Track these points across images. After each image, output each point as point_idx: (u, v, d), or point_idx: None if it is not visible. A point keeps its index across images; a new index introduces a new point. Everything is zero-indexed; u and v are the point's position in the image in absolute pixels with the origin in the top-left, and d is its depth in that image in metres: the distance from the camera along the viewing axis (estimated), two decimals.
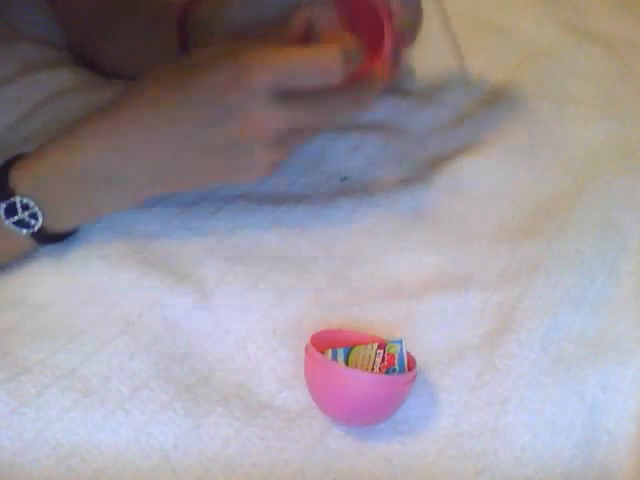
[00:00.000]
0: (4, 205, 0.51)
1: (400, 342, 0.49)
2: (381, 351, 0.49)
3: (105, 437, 0.46)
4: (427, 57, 0.76)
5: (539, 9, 0.84)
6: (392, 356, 0.48)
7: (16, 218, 0.52)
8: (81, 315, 0.52)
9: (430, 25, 0.82)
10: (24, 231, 0.52)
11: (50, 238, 0.54)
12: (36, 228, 0.52)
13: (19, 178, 0.52)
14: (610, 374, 0.51)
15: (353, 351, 0.49)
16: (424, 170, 0.66)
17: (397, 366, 0.48)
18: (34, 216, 0.52)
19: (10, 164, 0.53)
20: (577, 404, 0.50)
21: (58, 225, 0.54)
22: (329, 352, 0.49)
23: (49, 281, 0.54)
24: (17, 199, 0.51)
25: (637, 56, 0.79)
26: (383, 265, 0.58)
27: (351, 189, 0.64)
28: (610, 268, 0.58)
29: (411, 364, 0.48)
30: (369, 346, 0.49)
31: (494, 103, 0.73)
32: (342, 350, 0.49)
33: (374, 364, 0.48)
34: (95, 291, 0.54)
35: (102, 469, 0.44)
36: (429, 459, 0.47)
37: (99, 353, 0.49)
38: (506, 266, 0.58)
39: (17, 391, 0.46)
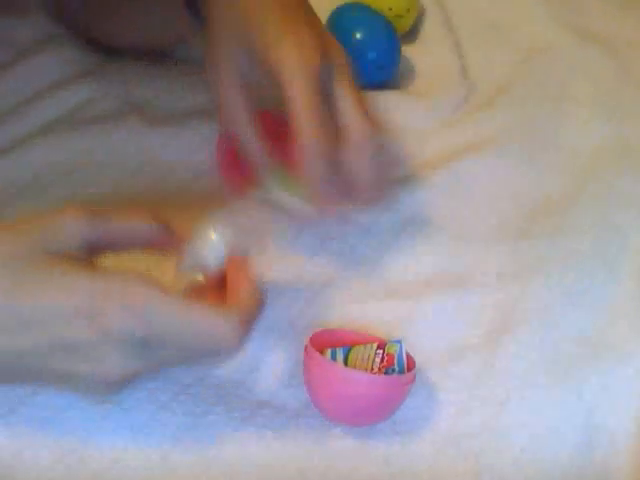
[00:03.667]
0: None
1: (399, 342, 0.49)
2: (380, 351, 0.49)
3: (104, 437, 0.45)
4: (427, 57, 0.76)
5: (539, 9, 0.84)
6: (391, 356, 0.48)
7: None
8: None
9: (430, 25, 0.82)
10: None
11: None
12: None
13: None
14: (610, 374, 0.51)
15: (352, 351, 0.49)
16: (424, 170, 0.66)
17: (396, 366, 0.48)
18: None
19: None
20: (577, 404, 0.50)
21: None
22: (328, 352, 0.49)
23: None
24: None
25: (637, 56, 0.79)
26: (382, 264, 0.57)
27: None
28: (610, 268, 0.58)
29: (410, 364, 0.48)
30: (368, 346, 0.49)
31: (494, 103, 0.73)
32: (341, 350, 0.49)
33: (373, 364, 0.48)
34: None
35: (101, 469, 0.44)
36: (428, 459, 0.47)
37: None
38: (505, 266, 0.58)
39: (15, 391, 0.46)
